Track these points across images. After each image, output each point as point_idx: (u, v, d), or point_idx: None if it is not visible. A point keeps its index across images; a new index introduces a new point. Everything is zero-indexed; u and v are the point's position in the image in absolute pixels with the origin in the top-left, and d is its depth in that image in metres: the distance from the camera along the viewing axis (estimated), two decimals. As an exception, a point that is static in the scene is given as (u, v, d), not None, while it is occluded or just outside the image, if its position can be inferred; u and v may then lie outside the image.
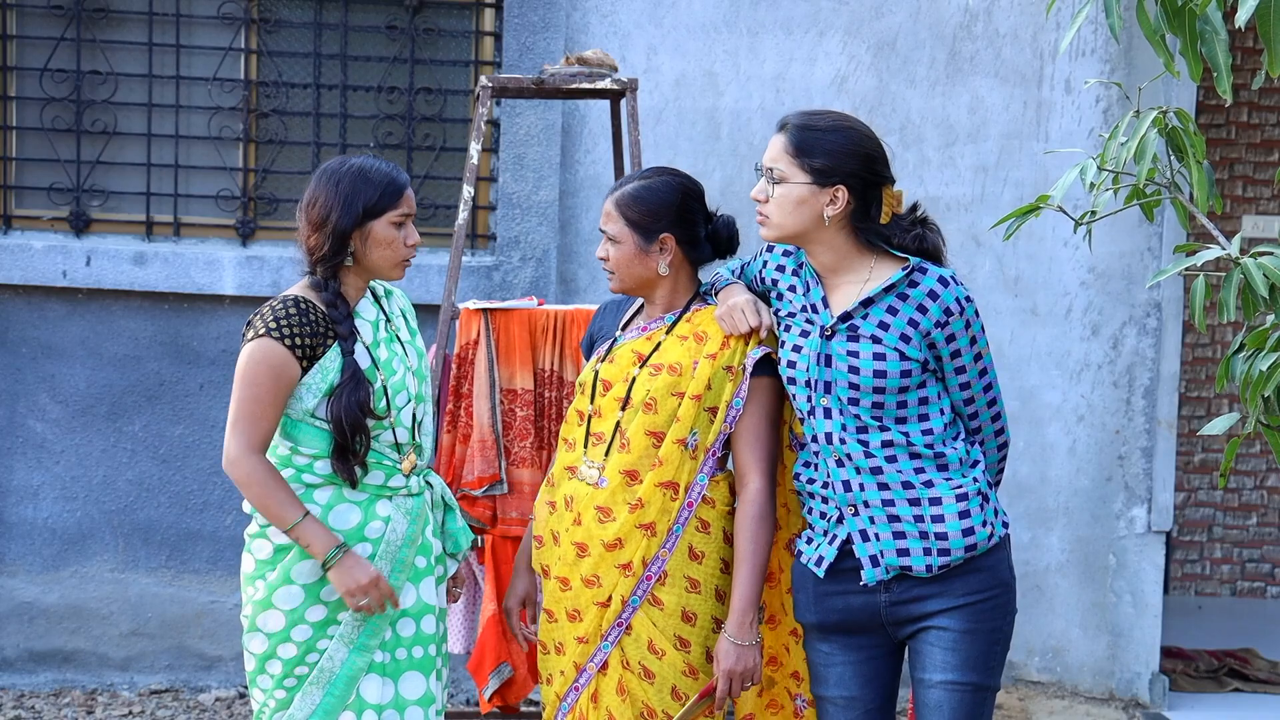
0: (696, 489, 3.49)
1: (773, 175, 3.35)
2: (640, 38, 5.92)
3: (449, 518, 3.75)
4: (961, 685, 3.32)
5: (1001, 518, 3.38)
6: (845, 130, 3.34)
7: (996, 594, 3.35)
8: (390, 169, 3.57)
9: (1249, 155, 7.49)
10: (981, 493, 3.34)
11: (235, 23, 5.97)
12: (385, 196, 3.53)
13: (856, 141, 3.33)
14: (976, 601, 3.33)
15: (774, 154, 3.36)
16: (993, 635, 3.34)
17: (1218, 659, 6.49)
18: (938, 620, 3.33)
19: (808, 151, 3.31)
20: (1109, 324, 6.05)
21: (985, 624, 3.33)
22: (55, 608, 5.96)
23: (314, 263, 3.54)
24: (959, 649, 3.32)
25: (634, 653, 3.48)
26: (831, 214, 3.32)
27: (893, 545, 3.32)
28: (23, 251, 5.84)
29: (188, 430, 5.94)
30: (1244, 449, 7.57)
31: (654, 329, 3.59)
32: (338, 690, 3.53)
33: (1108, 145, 3.36)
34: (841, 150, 3.31)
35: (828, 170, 3.30)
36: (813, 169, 3.31)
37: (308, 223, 3.54)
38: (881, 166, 3.35)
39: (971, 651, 3.32)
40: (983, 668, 3.33)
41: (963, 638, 3.32)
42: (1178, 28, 3.14)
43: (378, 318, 3.63)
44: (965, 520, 3.30)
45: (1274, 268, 3.11)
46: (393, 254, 3.56)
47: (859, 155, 3.32)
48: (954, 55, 5.99)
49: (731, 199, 5.87)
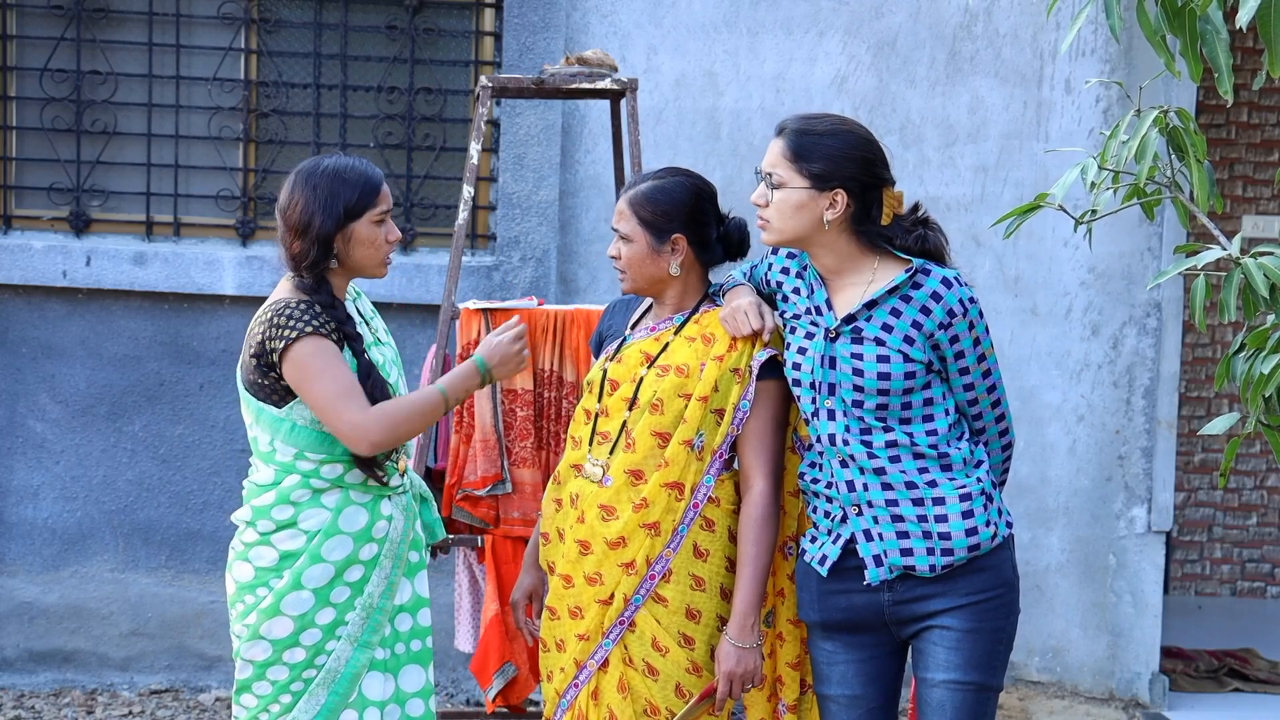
0: (702, 490, 3.49)
1: (771, 180, 3.35)
2: (640, 38, 5.92)
3: (424, 510, 3.76)
4: (964, 685, 3.32)
5: (1005, 518, 3.38)
6: (843, 134, 3.34)
7: (1000, 593, 3.35)
8: (364, 166, 3.55)
9: (1249, 155, 7.49)
10: (985, 492, 3.34)
11: (235, 23, 5.97)
12: (364, 195, 3.52)
13: (854, 145, 3.33)
14: (980, 601, 3.33)
15: (772, 159, 3.36)
16: (996, 635, 3.34)
17: (1218, 659, 6.49)
18: (941, 620, 3.33)
19: (805, 156, 3.32)
20: (1109, 324, 6.05)
21: (989, 623, 3.33)
22: (55, 608, 5.96)
23: (301, 268, 3.52)
24: (962, 648, 3.32)
25: (638, 650, 3.48)
26: (831, 218, 3.32)
27: (896, 545, 3.32)
28: (23, 251, 5.84)
29: (188, 430, 5.94)
30: (1244, 449, 7.57)
31: (662, 329, 3.59)
32: (341, 689, 3.54)
33: (1108, 144, 3.36)
34: (839, 154, 3.31)
35: (826, 175, 3.30)
36: (811, 173, 3.31)
37: (288, 228, 3.51)
38: (880, 168, 3.35)
39: (975, 651, 3.32)
40: (986, 667, 3.33)
41: (966, 637, 3.32)
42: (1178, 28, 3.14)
43: (360, 322, 3.63)
44: (969, 520, 3.30)
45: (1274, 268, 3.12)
46: (376, 252, 3.55)
47: (857, 158, 3.32)
48: (954, 55, 5.99)
49: (731, 199, 5.84)
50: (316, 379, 3.44)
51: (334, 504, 3.52)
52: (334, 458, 3.51)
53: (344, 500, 3.53)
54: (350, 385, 3.44)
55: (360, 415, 3.43)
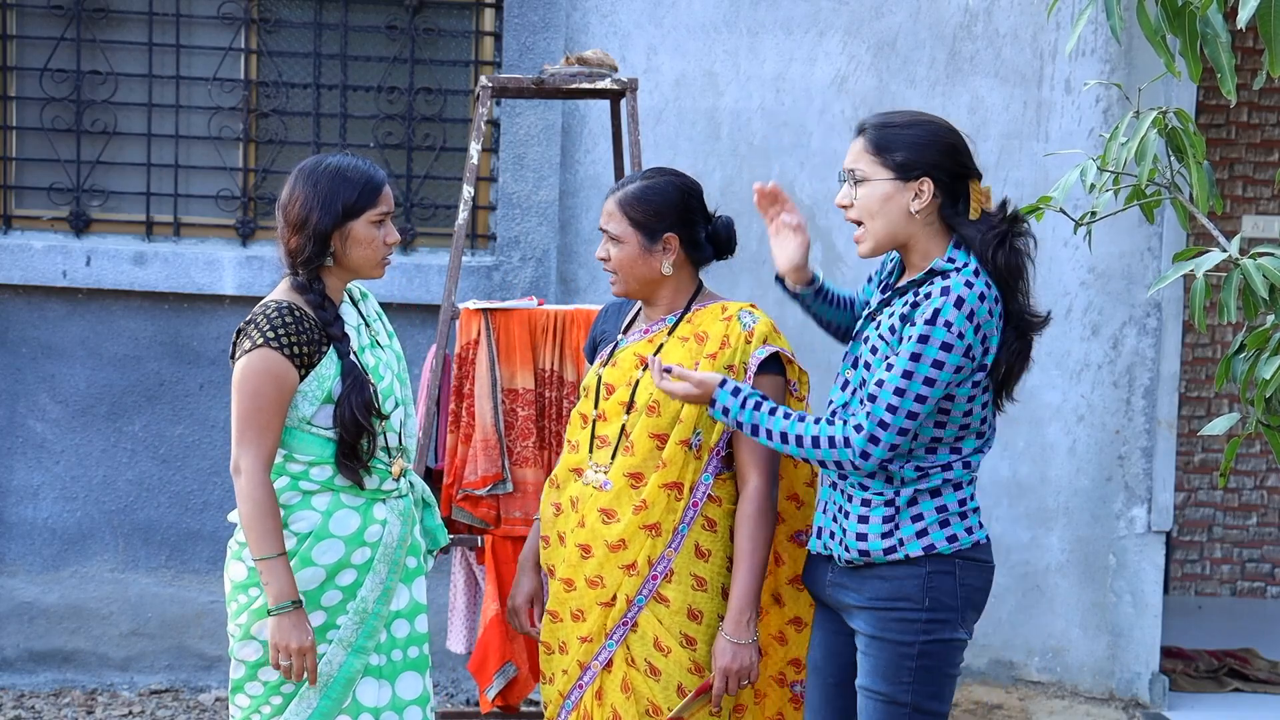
0: (701, 489, 3.50)
1: (854, 176, 3.28)
2: (640, 38, 5.92)
3: (427, 515, 3.75)
4: (872, 693, 3.29)
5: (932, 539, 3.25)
6: (924, 123, 3.28)
7: (901, 606, 3.25)
8: (367, 167, 3.54)
9: (1249, 155, 7.49)
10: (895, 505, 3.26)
11: (235, 23, 5.97)
12: (364, 195, 3.51)
13: (935, 133, 3.27)
14: (878, 608, 3.27)
15: (854, 156, 3.29)
16: (900, 647, 3.25)
17: (1218, 659, 6.49)
18: (855, 619, 3.34)
19: (887, 148, 3.25)
20: (1109, 324, 6.06)
21: (889, 633, 3.26)
22: (55, 608, 5.96)
23: (296, 264, 3.52)
24: (869, 654, 3.30)
25: (640, 650, 3.48)
26: (918, 207, 3.24)
27: (830, 526, 3.37)
28: (23, 251, 5.84)
29: (188, 430, 5.94)
30: (1244, 449, 7.57)
31: (655, 331, 3.60)
32: (334, 693, 3.52)
33: (1108, 146, 3.36)
34: (921, 142, 3.24)
35: (909, 164, 3.23)
36: (894, 164, 3.24)
37: (287, 223, 3.51)
38: (965, 158, 3.28)
39: (879, 659, 3.27)
40: (893, 679, 3.25)
41: (872, 643, 3.29)
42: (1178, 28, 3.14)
43: (359, 323, 3.62)
44: (862, 525, 3.28)
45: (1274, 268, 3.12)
46: (373, 253, 3.54)
47: (940, 146, 3.25)
48: (954, 55, 5.99)
49: (732, 199, 5.87)
50: (243, 396, 3.43)
51: (324, 507, 3.51)
52: (323, 460, 3.50)
53: (334, 503, 3.52)
54: (265, 422, 3.41)
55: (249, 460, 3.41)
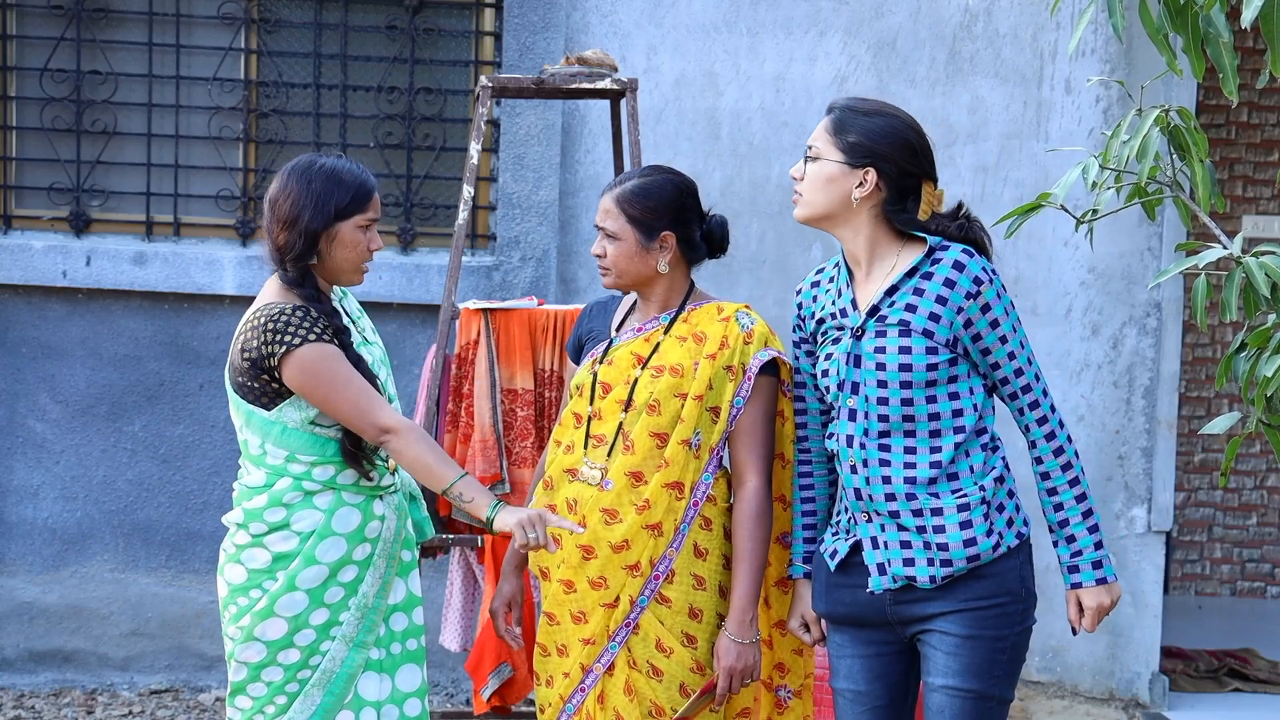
0: (701, 488, 3.49)
1: (809, 153, 3.33)
2: (640, 38, 5.92)
3: (413, 508, 3.76)
4: (962, 691, 3.29)
5: (1017, 527, 3.31)
6: (886, 116, 3.31)
7: (1002, 602, 3.29)
8: (360, 171, 3.55)
9: (1249, 155, 7.49)
10: (987, 501, 3.28)
11: (235, 23, 5.97)
12: (356, 199, 3.51)
13: (894, 128, 3.29)
14: (978, 608, 3.28)
15: (815, 134, 3.34)
16: (996, 643, 3.30)
17: (1218, 659, 6.49)
18: (938, 624, 3.31)
19: (844, 130, 3.29)
20: (1109, 324, 6.05)
21: (988, 630, 3.29)
22: (55, 608, 5.95)
23: (285, 260, 3.52)
24: (960, 654, 3.29)
25: (641, 652, 3.48)
26: (860, 195, 3.27)
27: (900, 555, 3.30)
28: (23, 251, 5.84)
29: (188, 430, 5.93)
30: (1244, 449, 7.57)
31: (650, 329, 3.59)
32: (337, 689, 3.53)
33: (1110, 143, 3.36)
34: (877, 132, 3.27)
35: (859, 150, 3.27)
36: (846, 146, 3.28)
37: (276, 219, 3.51)
38: (921, 159, 3.30)
39: (972, 657, 3.29)
40: (985, 675, 3.29)
41: (965, 643, 3.28)
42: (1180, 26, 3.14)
43: (348, 321, 3.62)
44: (966, 530, 3.26)
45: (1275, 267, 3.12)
46: (356, 257, 3.54)
47: (895, 141, 3.28)
48: (954, 55, 5.99)
49: (731, 199, 5.87)
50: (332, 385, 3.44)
51: (326, 505, 3.51)
52: (325, 459, 3.51)
53: (337, 501, 3.52)
54: (367, 388, 3.45)
55: (387, 419, 3.44)
